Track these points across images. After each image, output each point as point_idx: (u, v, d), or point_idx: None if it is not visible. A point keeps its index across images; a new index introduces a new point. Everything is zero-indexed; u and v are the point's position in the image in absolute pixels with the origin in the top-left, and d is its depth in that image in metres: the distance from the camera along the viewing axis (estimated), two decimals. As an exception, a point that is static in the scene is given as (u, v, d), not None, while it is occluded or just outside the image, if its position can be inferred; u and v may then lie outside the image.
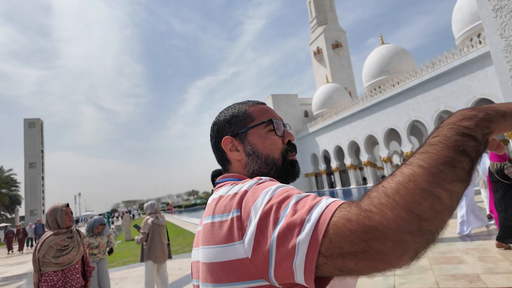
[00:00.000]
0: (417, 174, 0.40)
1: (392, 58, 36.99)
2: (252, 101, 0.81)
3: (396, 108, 29.78)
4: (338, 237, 0.42)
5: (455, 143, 0.41)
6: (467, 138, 0.42)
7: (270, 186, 0.56)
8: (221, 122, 0.78)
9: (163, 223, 4.57)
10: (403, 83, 28.46)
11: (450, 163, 0.40)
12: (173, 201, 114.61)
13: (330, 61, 53.89)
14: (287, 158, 0.75)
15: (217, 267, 0.56)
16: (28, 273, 9.81)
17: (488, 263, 4.16)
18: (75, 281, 2.87)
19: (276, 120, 0.77)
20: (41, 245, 2.78)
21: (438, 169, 0.40)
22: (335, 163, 39.58)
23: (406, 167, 0.42)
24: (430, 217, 0.39)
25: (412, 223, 0.38)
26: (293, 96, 52.07)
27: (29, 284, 7.95)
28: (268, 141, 0.74)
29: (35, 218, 49.88)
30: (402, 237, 0.38)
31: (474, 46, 22.37)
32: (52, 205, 2.99)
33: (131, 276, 6.53)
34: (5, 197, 47.09)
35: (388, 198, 0.40)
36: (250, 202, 0.54)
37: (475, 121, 0.44)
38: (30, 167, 53.87)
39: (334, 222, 0.43)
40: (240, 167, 0.74)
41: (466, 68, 23.02)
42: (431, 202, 0.39)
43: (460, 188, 0.40)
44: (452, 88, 24.26)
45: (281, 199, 0.51)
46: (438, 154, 0.41)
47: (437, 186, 0.39)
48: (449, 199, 0.39)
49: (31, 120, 55.91)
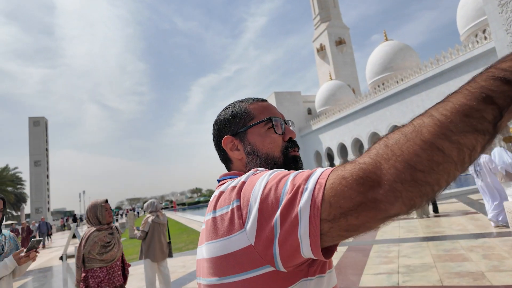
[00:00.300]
0: (424, 124, 0.39)
1: (396, 54, 36.73)
2: (253, 98, 0.81)
3: (400, 105, 29.60)
4: (336, 197, 0.43)
5: (480, 89, 0.37)
6: (497, 82, 0.36)
7: (265, 173, 0.57)
8: (221, 121, 0.78)
9: (164, 221, 4.56)
10: (407, 79, 28.26)
11: (464, 112, 0.36)
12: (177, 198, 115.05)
13: (334, 58, 53.62)
14: (289, 154, 0.74)
15: (221, 261, 0.56)
16: (35, 269, 9.91)
17: (493, 261, 4.13)
18: (116, 279, 2.84)
19: (276, 118, 0.76)
20: (85, 241, 2.74)
21: (447, 119, 0.37)
22: (339, 160, 39.48)
23: (418, 117, 0.41)
24: (427, 169, 0.37)
25: (405, 173, 0.38)
26: (296, 93, 51.93)
27: (34, 281, 8.04)
28: (268, 139, 0.73)
29: (41, 216, 50.37)
30: (393, 186, 0.39)
31: (479, 42, 22.14)
32: (92, 201, 2.96)
33: (135, 273, 6.57)
34: (10, 195, 47.57)
35: (386, 148, 0.40)
36: (248, 190, 0.54)
37: (510, 64, 0.37)
38: (35, 165, 54.31)
39: (331, 184, 0.44)
40: (241, 166, 0.75)
41: (471, 64, 22.80)
42: (430, 153, 0.37)
43: (474, 140, 0.36)
44: (457, 84, 24.03)
45: (278, 178, 0.52)
46: (455, 102, 0.38)
47: (441, 137, 0.37)
48: (456, 151, 0.36)
49: (36, 118, 56.29)
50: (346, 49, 54.67)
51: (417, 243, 5.75)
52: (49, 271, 9.42)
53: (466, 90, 0.38)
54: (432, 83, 26.10)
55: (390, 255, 5.10)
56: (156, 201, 4.71)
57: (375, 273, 4.34)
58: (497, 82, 0.36)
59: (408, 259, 4.74)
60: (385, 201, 0.40)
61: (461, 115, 0.36)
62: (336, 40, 54.37)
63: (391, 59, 36.81)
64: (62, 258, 5.29)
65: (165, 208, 56.27)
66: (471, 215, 7.68)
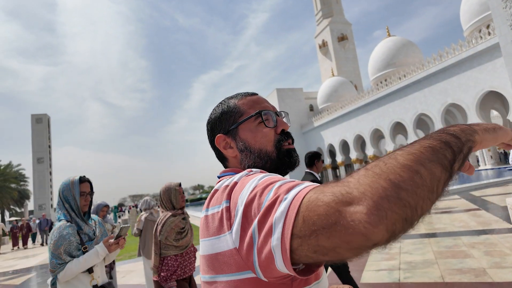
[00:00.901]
0: (398, 154, 0.40)
1: (398, 50, 36.49)
2: (242, 93, 0.79)
3: (402, 102, 29.46)
4: (311, 212, 0.40)
5: (439, 137, 0.43)
6: (451, 136, 0.44)
7: (257, 176, 0.56)
8: (213, 120, 0.78)
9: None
10: (410, 76, 28.09)
11: (432, 148, 0.40)
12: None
13: (336, 54, 53.38)
14: (282, 148, 0.72)
15: (213, 259, 0.57)
16: (37, 266, 9.99)
17: (495, 257, 4.12)
18: (189, 267, 2.74)
19: (266, 111, 0.74)
20: (162, 227, 2.65)
21: (419, 151, 0.39)
22: (341, 157, 39.43)
23: (391, 153, 0.42)
24: (410, 188, 0.36)
25: (390, 190, 0.36)
26: (298, 90, 51.78)
27: (38, 277, 8.10)
28: (259, 134, 0.72)
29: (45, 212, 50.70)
30: (378, 202, 0.35)
31: (482, 37, 21.94)
32: (166, 184, 2.85)
33: (137, 270, 6.61)
34: (14, 191, 47.84)
35: (366, 171, 0.39)
36: (238, 192, 0.55)
37: (460, 128, 0.47)
38: (38, 162, 54.59)
39: (309, 197, 0.42)
40: (236, 163, 0.75)
41: (474, 60, 22.61)
42: (410, 174, 0.37)
43: (441, 173, 0.38)
44: (460, 80, 23.89)
45: (265, 185, 0.51)
46: (422, 142, 0.42)
47: (417, 163, 0.38)
48: (429, 178, 0.37)
49: (38, 115, 56.49)
50: (348, 45, 54.38)
51: (419, 239, 5.73)
52: (52, 267, 9.50)
53: (427, 139, 0.43)
54: (435, 79, 25.94)
55: (391, 252, 5.09)
56: (149, 199, 4.70)
57: (376, 269, 4.33)
58: (450, 136, 0.44)
59: (409, 256, 4.73)
60: (367, 221, 0.35)
61: (430, 150, 0.40)
62: (338, 36, 54.09)
63: (393, 55, 36.58)
64: (65, 254, 5.31)
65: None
66: (473, 212, 7.65)
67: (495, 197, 9.36)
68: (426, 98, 26.84)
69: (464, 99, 23.63)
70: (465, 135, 0.46)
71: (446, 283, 3.50)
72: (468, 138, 0.46)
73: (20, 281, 7.85)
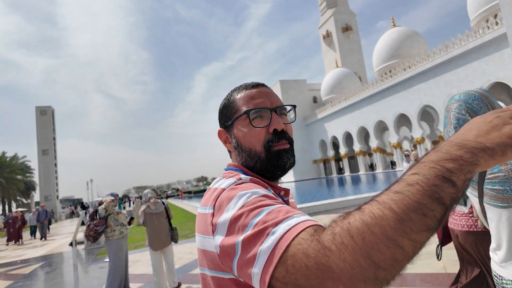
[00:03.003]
0: (385, 217, 0.38)
1: (403, 41, 36.04)
2: (244, 85, 0.75)
3: (407, 93, 29.21)
4: (294, 269, 0.41)
5: (433, 188, 0.39)
6: (446, 184, 0.39)
7: (246, 190, 0.56)
8: (219, 112, 0.78)
9: (157, 210, 4.57)
10: (415, 67, 27.79)
11: (422, 211, 0.38)
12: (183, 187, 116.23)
13: (340, 45, 52.83)
14: (271, 149, 0.68)
15: (203, 253, 0.60)
16: (45, 256, 10.18)
17: (498, 249, 4.13)
18: None
19: (256, 110, 0.69)
20: None
21: (408, 216, 0.38)
22: (344, 149, 39.35)
23: (377, 206, 0.40)
24: (389, 267, 0.37)
25: (368, 271, 0.37)
26: (301, 81, 51.46)
27: (45, 267, 8.26)
28: (249, 133, 0.69)
29: (51, 204, 51.35)
30: (355, 284, 0.37)
31: (490, 27, 21.57)
32: None
33: (143, 260, 6.72)
34: (20, 183, 48.43)
35: (351, 239, 0.38)
36: (224, 203, 0.56)
37: (459, 164, 0.40)
38: (43, 154, 55.06)
39: (293, 254, 0.42)
40: (235, 158, 0.75)
41: (481, 50, 22.29)
42: (393, 251, 0.37)
43: (426, 237, 0.39)
44: (466, 71, 23.60)
45: (252, 207, 0.51)
46: (412, 198, 0.38)
47: (403, 235, 0.37)
48: (412, 249, 0.38)
49: (43, 108, 56.73)
50: (352, 36, 53.76)
51: (422, 231, 5.76)
52: (59, 257, 9.67)
53: (420, 186, 0.39)
54: (440, 71, 25.65)
55: (394, 243, 5.13)
56: (148, 192, 4.75)
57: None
58: (446, 184, 0.39)
59: (412, 247, 4.76)
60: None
61: (419, 214, 0.38)
62: (342, 26, 53.44)
63: (398, 46, 36.15)
64: (72, 244, 5.42)
65: (171, 196, 56.94)
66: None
67: (499, 189, 9.33)
68: (431, 90, 26.58)
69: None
70: (464, 176, 0.40)
71: (448, 274, 3.53)
72: (467, 178, 0.40)
73: (28, 270, 8.01)
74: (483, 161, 0.41)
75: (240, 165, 0.73)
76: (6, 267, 8.98)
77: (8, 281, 6.96)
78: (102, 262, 7.44)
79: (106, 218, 4.37)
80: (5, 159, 48.23)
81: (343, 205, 10.06)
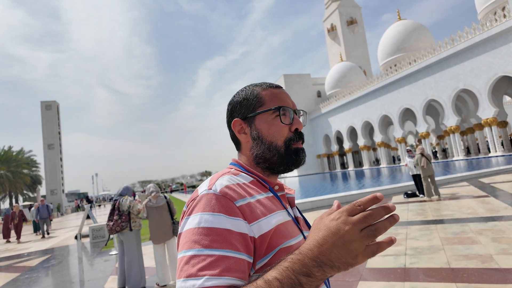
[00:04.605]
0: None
1: (409, 34, 35.58)
2: (267, 84, 0.82)
3: (412, 87, 28.92)
4: None
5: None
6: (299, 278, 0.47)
7: (204, 212, 0.60)
8: (234, 103, 0.81)
9: (158, 204, 4.61)
10: (421, 60, 27.45)
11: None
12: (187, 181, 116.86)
13: (345, 39, 52.31)
14: (291, 146, 0.76)
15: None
16: (52, 248, 10.32)
17: (502, 244, 4.11)
18: None
19: (285, 107, 0.77)
20: None
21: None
22: (348, 144, 39.18)
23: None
24: None
25: None
26: (305, 76, 51.12)
27: (52, 259, 8.38)
28: (274, 128, 0.75)
29: (57, 197, 51.93)
30: None
31: (498, 20, 21.20)
32: None
33: (147, 253, 6.77)
34: (26, 177, 48.94)
35: None
36: (190, 210, 0.63)
37: (311, 281, 0.47)
38: (49, 148, 55.53)
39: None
40: (246, 149, 0.79)
41: (488, 44, 21.95)
42: None
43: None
44: (472, 65, 23.28)
45: (192, 239, 0.57)
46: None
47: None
48: None
49: (48, 102, 57.06)
50: (357, 29, 53.17)
51: (426, 225, 5.74)
52: (65, 250, 9.79)
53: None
54: (446, 64, 25.32)
55: (397, 237, 5.11)
56: (150, 186, 4.80)
57: (382, 254, 4.37)
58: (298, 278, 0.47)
59: (416, 242, 4.75)
60: None
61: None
62: (347, 19, 52.85)
63: (404, 39, 35.71)
64: (77, 237, 5.48)
65: (175, 191, 57.29)
66: (482, 199, 7.59)
67: (505, 184, 9.26)
68: (437, 84, 26.28)
69: (476, 84, 23.08)
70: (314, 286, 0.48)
71: (452, 269, 3.52)
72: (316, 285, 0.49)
73: (36, 262, 8.13)
74: (329, 274, 0.48)
75: (251, 155, 0.77)
76: (13, 260, 9.13)
77: (15, 273, 7.07)
78: (107, 255, 7.52)
79: (129, 213, 4.58)
80: (12, 153, 48.73)
81: (347, 199, 10.05)
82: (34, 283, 6.04)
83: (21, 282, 6.23)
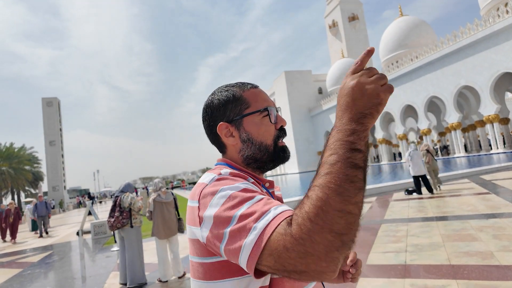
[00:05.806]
0: (328, 196, 0.48)
1: (411, 31, 35.38)
2: (246, 84, 0.81)
3: (414, 84, 28.81)
4: (281, 259, 0.50)
5: (349, 160, 0.50)
6: (355, 153, 0.50)
7: (226, 185, 0.63)
8: (215, 106, 0.79)
9: (167, 199, 4.64)
10: (422, 57, 27.31)
11: (350, 180, 0.48)
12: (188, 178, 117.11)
13: (346, 35, 52.04)
14: (278, 144, 0.78)
15: (192, 242, 0.69)
16: (54, 244, 10.38)
17: (503, 241, 4.11)
18: None
19: (271, 108, 0.78)
20: None
21: (343, 188, 0.48)
22: (349, 140, 39.09)
23: (319, 190, 0.49)
24: (348, 231, 0.47)
25: (336, 241, 0.46)
26: (306, 72, 50.96)
27: (54, 255, 8.43)
28: (263, 128, 0.77)
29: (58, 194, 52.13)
30: (332, 256, 0.47)
31: (500, 16, 21.05)
32: None
33: (148, 249, 6.80)
34: (28, 173, 49.10)
35: (312, 223, 0.47)
36: (208, 197, 0.62)
37: (358, 135, 0.52)
38: (50, 145, 55.66)
39: (275, 247, 0.50)
40: (234, 152, 0.78)
41: (490, 40, 21.81)
42: (345, 218, 0.47)
43: (362, 196, 0.50)
44: (474, 62, 23.15)
45: (235, 203, 0.58)
46: (339, 173, 0.49)
47: (346, 203, 0.47)
48: (357, 209, 0.48)
49: (49, 99, 57.11)
50: (359, 26, 52.89)
51: (426, 222, 5.74)
52: (67, 246, 9.85)
53: (340, 162, 0.50)
54: (448, 61, 25.19)
55: (398, 234, 5.12)
56: (158, 181, 4.82)
57: (383, 251, 4.38)
58: (355, 153, 0.50)
59: (416, 238, 4.76)
60: (329, 271, 0.48)
61: (349, 182, 0.48)
62: (349, 16, 52.55)
63: (406, 35, 35.51)
64: (79, 233, 5.51)
65: (176, 187, 57.42)
66: (482, 196, 7.59)
67: (506, 181, 9.24)
68: (439, 80, 26.16)
69: (477, 81, 22.97)
70: (363, 141, 0.52)
71: (452, 266, 3.53)
72: (366, 142, 0.53)
73: (38, 258, 8.18)
74: (369, 123, 0.53)
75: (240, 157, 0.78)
76: (16, 255, 9.19)
77: (17, 269, 7.13)
78: (109, 251, 7.56)
79: (130, 210, 4.59)
80: (13, 150, 48.85)
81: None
82: (36, 279, 6.09)
83: (23, 277, 6.28)
